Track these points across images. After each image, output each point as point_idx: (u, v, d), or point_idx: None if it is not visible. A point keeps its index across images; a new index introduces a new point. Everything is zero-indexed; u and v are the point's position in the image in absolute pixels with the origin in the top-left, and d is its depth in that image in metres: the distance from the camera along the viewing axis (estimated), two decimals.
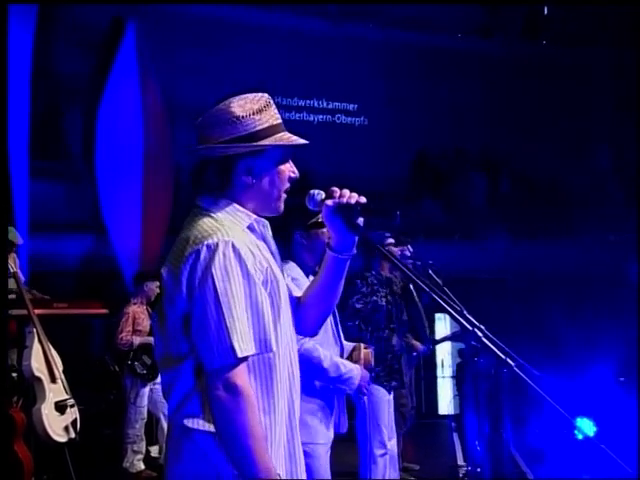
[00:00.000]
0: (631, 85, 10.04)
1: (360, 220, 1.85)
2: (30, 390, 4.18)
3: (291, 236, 3.16)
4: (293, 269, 3.06)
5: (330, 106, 11.66)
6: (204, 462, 1.69)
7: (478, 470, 5.19)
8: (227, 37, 10.30)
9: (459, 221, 10.84)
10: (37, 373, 4.17)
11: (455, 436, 7.89)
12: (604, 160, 11.12)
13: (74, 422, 4.27)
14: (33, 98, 8.28)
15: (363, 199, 1.85)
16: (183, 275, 1.69)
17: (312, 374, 3.02)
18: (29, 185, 8.12)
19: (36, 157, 8.34)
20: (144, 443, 5.93)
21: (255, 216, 1.83)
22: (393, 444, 4.43)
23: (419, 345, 5.48)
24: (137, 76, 8.95)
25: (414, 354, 5.56)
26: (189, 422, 1.70)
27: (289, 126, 1.87)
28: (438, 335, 8.93)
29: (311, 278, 2.83)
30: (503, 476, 4.21)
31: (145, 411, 5.88)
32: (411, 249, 4.75)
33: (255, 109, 1.80)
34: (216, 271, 1.67)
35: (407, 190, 11.28)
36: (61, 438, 4.17)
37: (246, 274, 1.71)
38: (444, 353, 11.21)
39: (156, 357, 1.82)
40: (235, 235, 1.73)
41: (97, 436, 5.94)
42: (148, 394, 5.88)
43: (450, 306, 1.73)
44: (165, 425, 5.79)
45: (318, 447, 3.07)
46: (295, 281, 2.75)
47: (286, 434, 1.79)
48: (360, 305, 4.28)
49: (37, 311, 4.41)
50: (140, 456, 5.88)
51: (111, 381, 6.23)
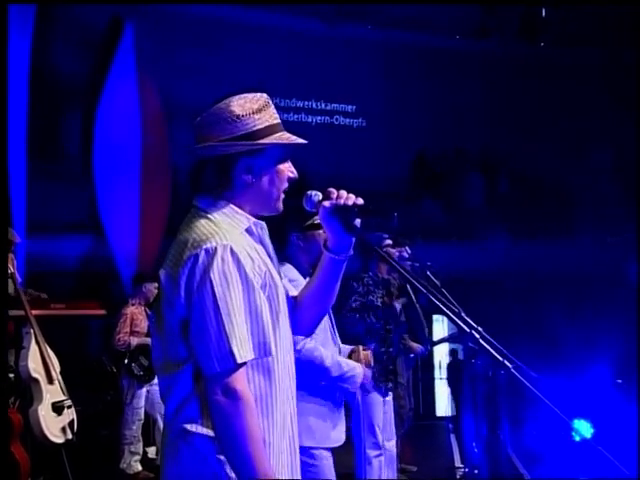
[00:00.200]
0: (630, 85, 10.04)
1: (357, 221, 1.85)
2: (27, 391, 4.17)
3: (287, 238, 3.16)
4: (290, 271, 3.05)
5: (328, 107, 11.67)
6: (202, 465, 1.68)
7: (475, 472, 5.19)
8: (226, 38, 10.30)
9: (458, 222, 10.84)
10: (34, 374, 4.16)
11: (452, 437, 7.89)
12: (603, 160, 11.12)
13: (71, 423, 4.26)
14: (31, 98, 8.27)
15: (360, 200, 1.84)
16: (181, 279, 1.68)
17: (314, 374, 3.02)
18: (27, 185, 8.11)
19: (34, 157, 8.33)
20: (141, 444, 5.92)
21: (254, 219, 1.83)
22: (392, 445, 4.41)
23: (417, 347, 5.48)
24: (135, 77, 8.95)
25: (412, 356, 5.56)
26: (187, 426, 1.69)
27: (287, 127, 1.87)
28: (436, 337, 8.94)
29: (308, 279, 2.83)
30: (500, 477, 4.21)
31: (142, 412, 5.88)
32: (409, 250, 4.74)
33: (255, 108, 1.80)
34: (215, 276, 1.66)
35: (405, 191, 11.28)
36: (58, 439, 4.16)
37: (245, 278, 1.70)
38: (442, 355, 11.20)
39: (154, 360, 1.82)
40: (233, 239, 1.73)
41: (94, 437, 5.93)
42: (145, 395, 5.88)
43: (448, 308, 1.72)
44: (162, 426, 5.77)
45: (322, 451, 3.07)
46: (293, 282, 2.75)
47: (282, 435, 1.78)
48: (356, 305, 4.28)
49: (34, 312, 4.40)
50: (137, 457, 5.87)
51: (108, 382, 6.22)
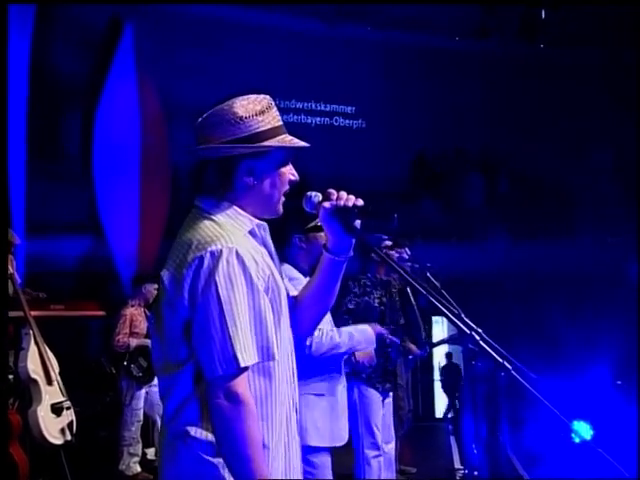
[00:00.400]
0: (630, 85, 10.04)
1: (357, 222, 1.85)
2: (26, 392, 4.16)
3: (289, 239, 3.16)
4: (290, 270, 3.05)
5: (328, 108, 11.68)
6: (201, 466, 1.67)
7: (475, 473, 5.19)
8: (225, 38, 10.31)
9: (458, 222, 10.84)
10: (33, 375, 4.15)
11: (452, 439, 7.89)
12: (603, 160, 11.12)
13: (70, 424, 4.25)
14: (30, 98, 8.26)
15: (360, 201, 1.84)
16: (186, 281, 1.67)
17: (332, 357, 3.11)
18: (26, 186, 8.11)
19: (33, 158, 8.33)
20: (140, 445, 5.91)
21: (257, 220, 1.82)
22: (391, 447, 4.40)
23: (416, 348, 5.46)
24: (135, 77, 8.95)
25: (411, 357, 5.55)
26: (187, 428, 1.68)
27: (287, 128, 1.86)
28: (435, 338, 8.94)
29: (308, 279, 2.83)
30: (500, 479, 4.20)
31: (141, 413, 5.87)
32: (409, 251, 4.74)
33: (257, 110, 1.79)
34: (220, 279, 1.65)
35: (405, 191, 11.28)
36: (57, 440, 4.15)
37: (249, 282, 1.69)
38: (441, 356, 11.22)
39: (154, 362, 1.81)
40: (238, 241, 1.72)
41: (93, 438, 5.92)
42: (144, 396, 5.87)
43: (448, 309, 1.72)
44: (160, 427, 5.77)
45: (321, 457, 3.08)
46: (293, 281, 2.75)
47: (282, 439, 1.78)
48: (352, 305, 4.26)
49: (33, 313, 4.39)
50: (136, 458, 5.86)
51: (107, 383, 6.21)
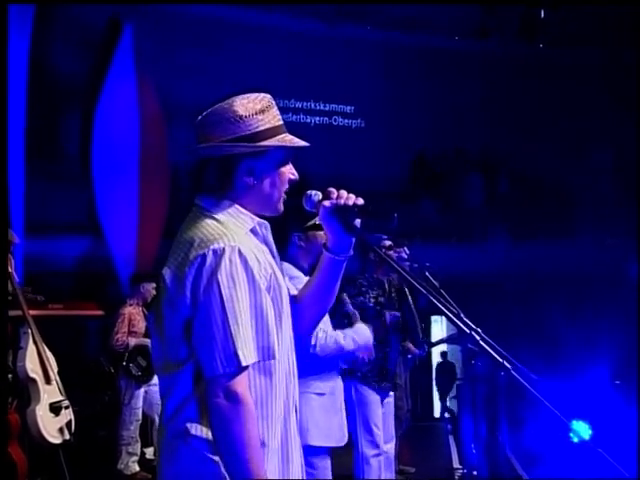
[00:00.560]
0: (630, 85, 10.04)
1: (357, 222, 1.84)
2: (24, 391, 4.15)
3: (289, 237, 3.16)
4: (290, 269, 3.05)
5: (327, 108, 11.68)
6: (201, 465, 1.67)
7: (474, 473, 5.18)
8: (225, 38, 10.31)
9: (457, 222, 10.84)
10: (32, 374, 4.14)
11: (451, 439, 7.89)
12: (603, 160, 11.12)
13: (69, 423, 4.24)
14: (29, 98, 8.25)
15: (360, 200, 1.84)
16: (187, 279, 1.67)
17: (334, 358, 3.16)
18: (25, 185, 8.10)
19: (32, 158, 8.32)
20: (139, 445, 5.91)
21: (258, 219, 1.82)
22: (390, 447, 4.39)
23: (414, 348, 5.46)
24: (134, 77, 8.94)
25: (410, 357, 5.54)
26: (187, 426, 1.68)
27: (286, 128, 1.85)
28: (434, 338, 8.93)
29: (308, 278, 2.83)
30: (499, 479, 4.20)
31: (140, 413, 5.86)
32: (407, 251, 4.73)
33: (258, 109, 1.79)
34: (222, 277, 1.65)
35: (405, 191, 11.29)
36: (55, 440, 4.14)
37: (252, 281, 1.69)
38: (439, 355, 11.22)
39: (154, 361, 1.81)
40: (241, 240, 1.72)
41: (92, 438, 5.92)
42: (143, 395, 5.87)
43: (447, 309, 1.72)
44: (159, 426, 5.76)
45: (321, 459, 3.08)
46: (294, 279, 2.75)
47: (281, 439, 1.77)
48: (347, 309, 4.25)
49: (32, 312, 4.38)
50: (135, 458, 5.86)
51: (106, 382, 6.21)
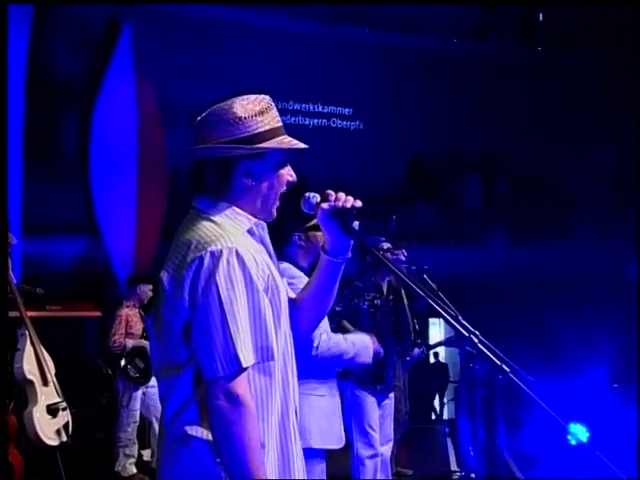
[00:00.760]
0: (630, 86, 10.03)
1: (355, 224, 1.84)
2: (22, 393, 4.14)
3: (288, 237, 3.16)
4: (290, 269, 3.04)
5: (325, 110, 11.67)
6: (202, 468, 1.67)
7: (472, 475, 5.18)
8: (223, 39, 10.30)
9: (455, 224, 10.84)
10: (29, 376, 4.13)
11: (449, 441, 7.88)
12: (602, 161, 11.13)
13: (66, 425, 4.23)
14: (28, 98, 8.25)
15: (359, 203, 1.83)
16: (186, 282, 1.67)
17: (334, 362, 3.13)
18: (23, 186, 8.09)
19: (30, 158, 8.31)
20: (136, 447, 5.90)
21: (255, 219, 1.82)
22: (386, 449, 4.38)
23: (414, 349, 5.45)
24: (132, 78, 8.94)
25: (408, 359, 5.54)
26: (187, 429, 1.68)
27: (285, 129, 1.85)
28: (432, 340, 8.93)
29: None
30: None
31: (137, 414, 5.86)
32: (405, 253, 4.73)
33: (257, 110, 1.78)
34: (220, 279, 1.65)
35: (403, 193, 11.29)
36: (53, 441, 4.13)
37: (249, 282, 1.69)
38: (439, 358, 11.23)
39: (153, 364, 1.80)
40: (238, 241, 1.71)
41: (89, 440, 5.92)
42: (141, 397, 5.86)
43: (445, 311, 1.72)
44: (158, 429, 5.76)
45: (317, 456, 3.08)
46: (294, 279, 2.75)
47: (280, 440, 1.77)
48: (339, 308, 4.25)
49: (30, 313, 4.37)
50: (132, 460, 5.85)
51: (103, 384, 6.20)
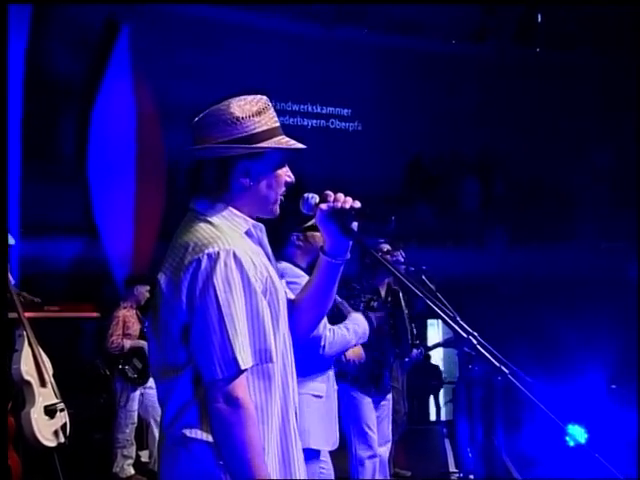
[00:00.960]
0: (629, 86, 10.03)
1: (354, 225, 1.84)
2: (19, 394, 4.13)
3: (287, 237, 3.16)
4: (290, 270, 3.04)
5: (324, 111, 11.67)
6: (202, 471, 1.66)
7: (470, 477, 5.19)
8: (221, 39, 10.29)
9: (454, 225, 10.84)
10: (27, 377, 4.12)
11: (447, 442, 7.87)
12: (601, 162, 11.13)
13: (64, 426, 4.22)
14: (26, 99, 8.24)
15: (358, 203, 1.83)
16: (183, 285, 1.67)
17: (328, 358, 3.16)
18: (21, 186, 8.08)
19: (28, 158, 8.30)
20: (134, 448, 5.89)
21: (252, 221, 1.82)
22: (384, 450, 4.38)
23: (412, 350, 5.44)
24: (130, 78, 8.93)
25: (406, 360, 5.53)
26: (187, 432, 1.67)
27: (283, 130, 1.85)
28: (430, 341, 8.92)
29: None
30: None
31: (135, 415, 5.85)
32: (404, 254, 4.73)
33: (254, 111, 1.79)
34: (218, 281, 1.65)
35: (402, 194, 11.29)
36: (50, 442, 4.12)
37: (247, 284, 1.69)
38: (436, 359, 11.21)
39: (152, 366, 1.80)
40: (235, 243, 1.71)
41: (87, 441, 5.90)
42: (139, 398, 5.85)
43: (444, 312, 1.71)
44: (156, 430, 5.76)
45: (313, 458, 3.08)
46: (295, 279, 2.75)
47: (280, 442, 1.77)
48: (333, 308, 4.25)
49: (27, 314, 4.36)
50: (130, 461, 5.84)
51: (101, 385, 6.19)
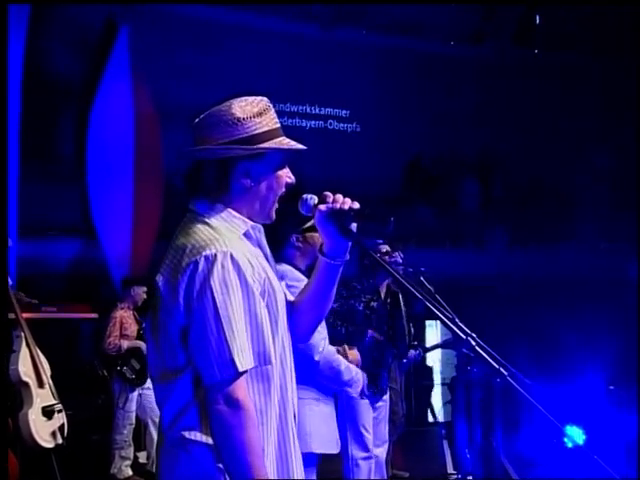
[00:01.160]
0: (628, 86, 10.03)
1: (353, 226, 1.84)
2: (17, 395, 4.12)
3: (286, 238, 3.15)
4: (290, 272, 3.03)
5: (322, 112, 11.67)
6: (199, 472, 1.66)
7: (469, 478, 5.19)
8: (220, 40, 10.28)
9: (453, 226, 10.84)
10: (24, 378, 4.12)
11: (445, 444, 7.87)
12: (600, 163, 11.13)
13: (61, 427, 4.22)
14: (24, 99, 8.22)
15: (356, 204, 1.83)
16: (181, 287, 1.67)
17: (326, 378, 3.13)
18: (18, 187, 8.06)
19: (26, 158, 8.28)
20: (132, 449, 5.89)
21: (251, 222, 1.81)
22: (381, 451, 4.37)
23: (411, 352, 5.45)
24: (129, 79, 8.93)
25: (405, 361, 5.54)
26: (186, 434, 1.67)
27: (282, 131, 1.85)
28: (429, 342, 8.91)
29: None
30: None
31: (133, 416, 5.85)
32: (402, 255, 4.73)
33: (255, 112, 1.79)
34: (215, 283, 1.65)
35: (400, 195, 11.28)
36: (48, 444, 4.12)
37: (245, 286, 1.69)
38: (435, 360, 11.21)
39: (151, 368, 1.79)
40: (233, 245, 1.71)
41: (85, 442, 5.89)
42: (137, 399, 5.85)
43: (442, 313, 1.71)
44: (154, 432, 5.75)
45: (310, 460, 3.07)
46: (295, 283, 2.74)
47: (279, 444, 1.76)
48: (336, 305, 4.24)
49: (25, 315, 4.36)
50: (128, 462, 5.84)
51: (99, 386, 6.18)
